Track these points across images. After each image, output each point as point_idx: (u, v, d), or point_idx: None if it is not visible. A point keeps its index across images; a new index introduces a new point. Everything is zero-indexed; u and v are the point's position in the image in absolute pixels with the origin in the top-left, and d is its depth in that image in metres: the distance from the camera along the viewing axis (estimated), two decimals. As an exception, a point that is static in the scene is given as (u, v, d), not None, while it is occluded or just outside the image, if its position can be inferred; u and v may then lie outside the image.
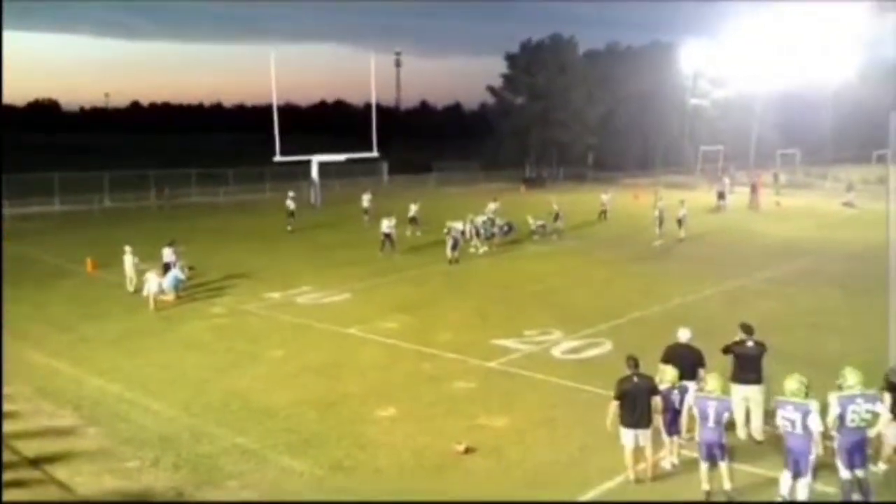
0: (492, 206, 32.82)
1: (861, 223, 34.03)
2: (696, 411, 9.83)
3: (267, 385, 14.23)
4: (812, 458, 9.07)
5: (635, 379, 10.11)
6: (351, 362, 15.55)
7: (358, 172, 54.59)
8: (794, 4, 57.37)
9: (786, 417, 9.17)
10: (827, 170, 60.81)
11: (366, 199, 37.65)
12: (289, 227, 34.52)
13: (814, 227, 34.58)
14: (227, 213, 42.87)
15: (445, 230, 26.55)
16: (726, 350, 11.51)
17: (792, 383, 9.34)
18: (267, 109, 47.12)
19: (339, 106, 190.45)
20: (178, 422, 12.51)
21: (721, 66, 65.76)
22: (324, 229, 35.12)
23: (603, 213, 37.28)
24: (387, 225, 28.33)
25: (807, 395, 9.26)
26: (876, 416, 9.33)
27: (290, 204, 35.57)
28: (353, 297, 21.38)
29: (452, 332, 17.44)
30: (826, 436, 9.21)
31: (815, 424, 9.01)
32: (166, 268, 21.81)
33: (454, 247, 26.07)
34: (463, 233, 28.09)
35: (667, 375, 10.43)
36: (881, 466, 10.11)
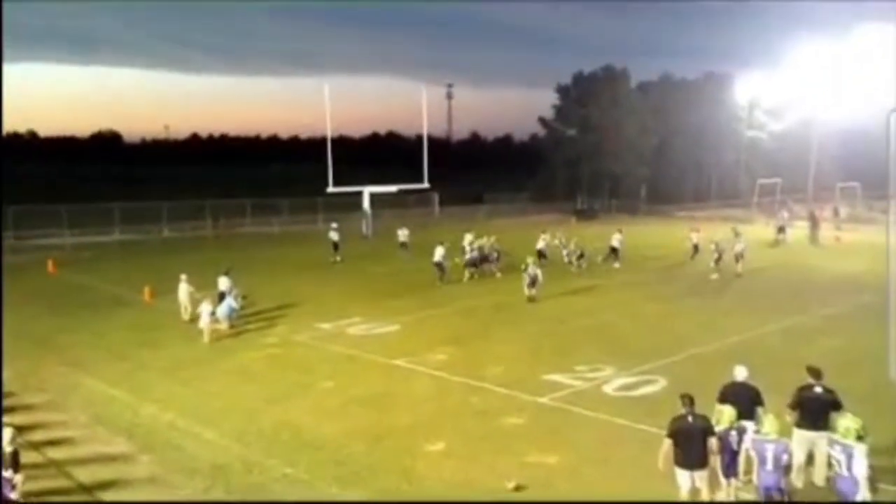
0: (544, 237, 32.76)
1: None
2: (753, 453, 9.50)
3: (317, 416, 14.27)
4: (859, 499, 8.67)
5: (690, 418, 9.83)
6: (400, 394, 15.52)
7: (410, 204, 54.97)
8: (854, 33, 56.31)
9: (833, 457, 8.95)
10: (890, 204, 58.89)
11: (402, 234, 36.96)
12: (333, 259, 34.72)
13: (875, 262, 33.36)
14: (281, 243, 43.52)
15: (523, 266, 25.68)
16: (795, 402, 10.80)
17: (843, 422, 9.09)
18: (321, 141, 48.03)
19: (391, 137, 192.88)
20: (229, 451, 12.60)
21: (778, 97, 64.71)
22: (374, 260, 35.33)
23: (695, 247, 33.97)
24: (439, 254, 28.55)
25: (859, 438, 8.89)
26: None
27: (334, 235, 35.86)
28: (402, 328, 21.39)
29: (502, 366, 17.28)
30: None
31: (860, 468, 8.65)
32: (222, 296, 22.14)
33: (532, 284, 25.07)
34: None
35: (724, 416, 10.08)
36: None
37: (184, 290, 22.61)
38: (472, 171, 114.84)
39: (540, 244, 32.20)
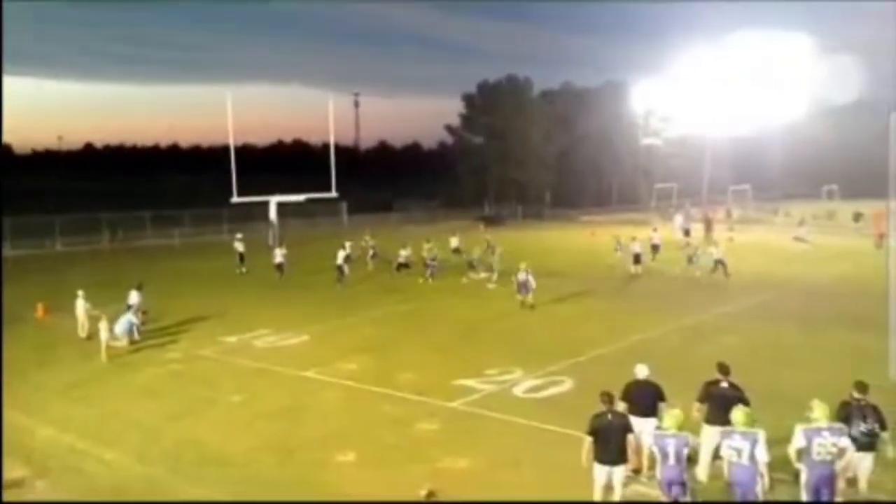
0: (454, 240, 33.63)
1: (814, 258, 34.87)
2: (655, 449, 9.78)
3: (223, 432, 13.89)
4: (759, 489, 9.08)
5: (609, 416, 10.05)
6: (309, 407, 15.28)
7: (317, 213, 54.34)
8: (742, 43, 59.37)
9: (733, 447, 9.21)
10: (778, 205, 62.43)
11: (279, 255, 32.55)
12: (239, 270, 34.06)
13: (768, 262, 35.28)
14: (183, 255, 42.23)
15: (514, 278, 25.32)
16: (702, 397, 11.09)
17: (739, 414, 9.42)
18: (224, 150, 46.85)
19: (298, 146, 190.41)
20: (131, 471, 12.12)
21: (672, 105, 67.52)
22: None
23: (655, 247, 34.80)
24: (341, 257, 29.25)
25: (752, 425, 9.34)
26: (842, 450, 9.38)
27: (239, 246, 35.13)
28: (311, 339, 21.10)
29: (414, 373, 17.28)
30: (791, 469, 9.23)
31: (762, 454, 9.07)
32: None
33: (523, 289, 24.63)
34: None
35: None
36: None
37: (80, 306, 21.63)
38: (381, 179, 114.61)
39: (453, 243, 33.34)
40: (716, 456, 10.49)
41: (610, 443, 9.89)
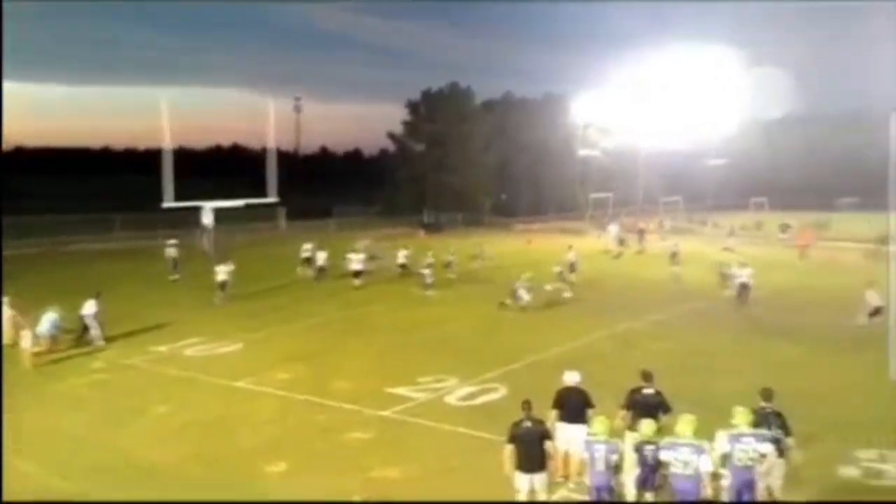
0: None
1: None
2: (585, 455, 9.94)
3: (151, 442, 13.58)
4: (700, 498, 9.29)
5: (527, 423, 10.17)
6: (240, 416, 15.05)
7: (255, 218, 53.56)
8: (673, 56, 61.14)
9: (679, 459, 9.32)
10: (708, 216, 64.26)
11: (222, 272, 28.32)
12: (172, 277, 33.35)
13: (698, 271, 36.17)
14: (114, 260, 41.07)
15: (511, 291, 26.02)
16: (627, 404, 11.31)
17: (687, 426, 9.54)
18: (158, 153, 45.73)
19: (236, 150, 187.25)
20: (52, 485, 11.74)
21: (609, 117, 68.94)
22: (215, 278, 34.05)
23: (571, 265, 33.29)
24: (224, 271, 27.87)
25: (695, 433, 9.56)
26: (763, 455, 9.64)
27: (172, 252, 34.45)
28: (244, 347, 20.78)
29: (348, 382, 17.19)
30: (715, 476, 9.47)
31: (707, 465, 9.26)
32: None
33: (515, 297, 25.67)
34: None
35: (645, 428, 10.06)
36: None
37: (6, 312, 20.87)
38: (321, 185, 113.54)
39: (400, 259, 33.05)
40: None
41: (529, 451, 10.01)
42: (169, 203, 43.32)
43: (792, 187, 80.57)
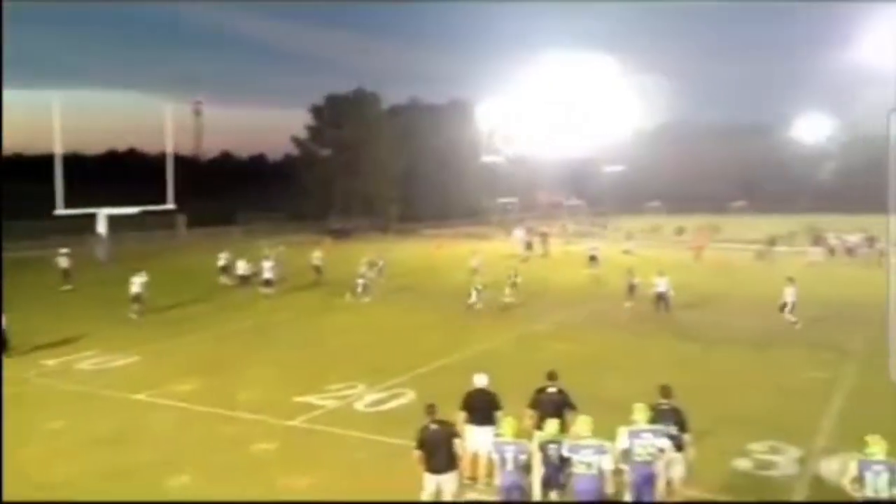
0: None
1: (640, 269, 37.03)
2: (495, 456, 10.02)
3: (44, 459, 12.88)
4: (603, 496, 9.44)
5: (433, 426, 10.23)
6: (140, 430, 14.47)
7: (155, 226, 51.75)
8: (557, 63, 63.10)
9: (582, 461, 9.41)
10: (608, 220, 66.41)
11: (137, 283, 26.63)
12: (64, 287, 31.87)
13: (600, 273, 37.26)
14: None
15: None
16: (532, 403, 11.45)
17: (585, 426, 9.69)
18: (49, 159, 43.57)
19: (132, 155, 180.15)
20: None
21: (511, 124, 70.38)
22: (111, 287, 32.55)
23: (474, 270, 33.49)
24: (138, 282, 26.39)
25: (591, 432, 9.78)
26: (661, 450, 9.92)
27: (63, 262, 32.94)
28: (143, 359, 19.98)
29: (253, 392, 16.78)
30: (616, 472, 9.68)
31: (608, 464, 9.42)
32: None
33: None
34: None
35: (548, 427, 10.13)
36: None
37: None
38: (224, 191, 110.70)
39: (315, 261, 32.78)
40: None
41: (437, 452, 10.06)
42: (61, 210, 41.44)
43: (685, 192, 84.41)
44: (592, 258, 37.91)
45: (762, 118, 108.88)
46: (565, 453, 9.66)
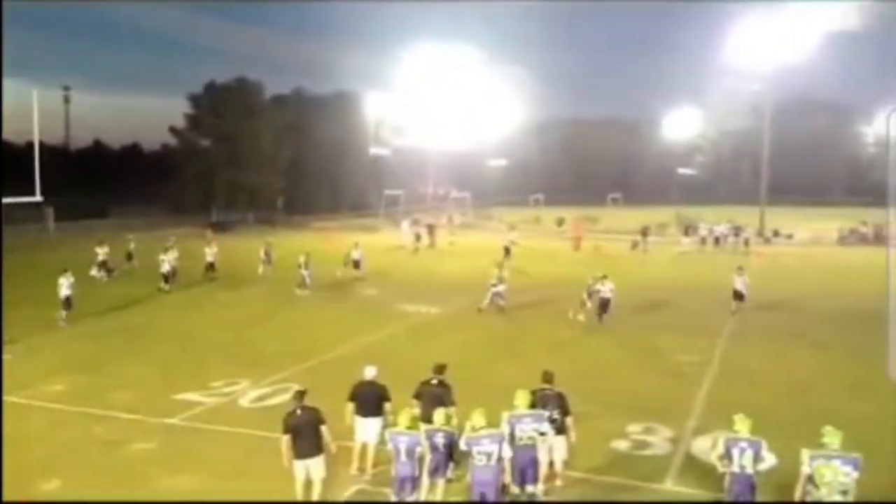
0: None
1: (524, 259, 38.07)
2: (390, 447, 10.05)
3: None
4: (499, 484, 9.67)
5: (299, 412, 10.28)
6: (8, 433, 13.58)
7: (21, 219, 48.59)
8: (420, 54, 63.93)
9: (482, 452, 9.55)
10: (492, 212, 67.76)
11: None
12: None
13: (485, 263, 37.90)
14: None
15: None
16: (415, 395, 11.51)
17: (481, 418, 9.80)
18: None
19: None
20: None
21: (397, 116, 70.57)
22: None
23: (356, 263, 32.64)
24: (67, 284, 23.74)
25: (449, 424, 10.06)
26: (542, 434, 10.30)
27: None
28: (12, 359, 18.77)
29: (130, 391, 16.13)
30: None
31: (507, 451, 9.66)
32: None
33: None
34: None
35: (434, 416, 10.28)
36: (539, 487, 10.50)
37: None
38: (96, 182, 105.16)
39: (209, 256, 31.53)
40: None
41: (303, 438, 10.16)
42: None
43: (565, 185, 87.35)
44: (507, 249, 38.95)
45: (637, 114, 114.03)
46: (463, 447, 9.80)
